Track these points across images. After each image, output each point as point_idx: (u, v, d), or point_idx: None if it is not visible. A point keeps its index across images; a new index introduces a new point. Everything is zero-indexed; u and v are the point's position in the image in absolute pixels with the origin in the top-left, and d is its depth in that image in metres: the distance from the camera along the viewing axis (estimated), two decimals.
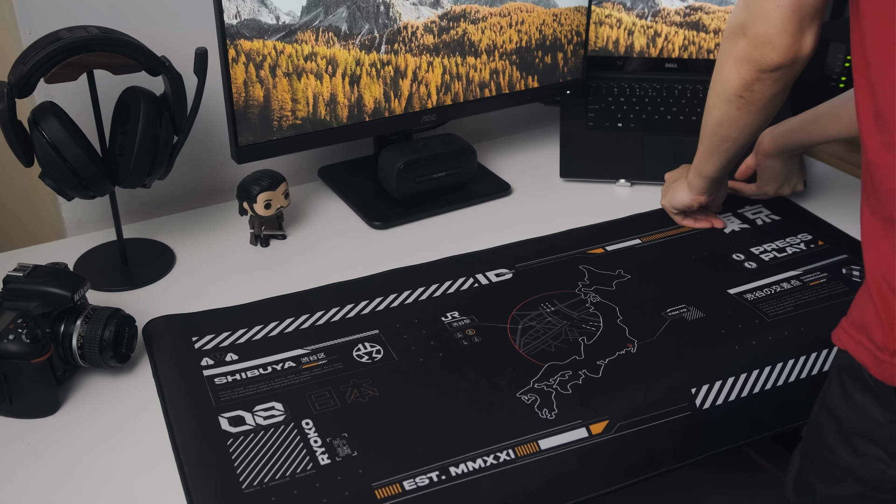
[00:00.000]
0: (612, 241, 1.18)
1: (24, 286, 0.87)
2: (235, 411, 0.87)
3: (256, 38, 1.08)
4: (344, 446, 0.83)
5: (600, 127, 1.40)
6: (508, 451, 0.84)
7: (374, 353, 0.96)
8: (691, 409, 0.91)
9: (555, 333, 1.00)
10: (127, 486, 0.80)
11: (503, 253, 1.15)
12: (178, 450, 0.83)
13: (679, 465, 0.89)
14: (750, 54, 0.90)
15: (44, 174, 0.97)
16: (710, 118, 1.03)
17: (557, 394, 0.91)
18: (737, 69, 0.93)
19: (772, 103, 0.96)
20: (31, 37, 0.99)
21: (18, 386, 0.85)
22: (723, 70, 0.96)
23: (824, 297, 1.07)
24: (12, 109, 0.92)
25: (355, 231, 1.22)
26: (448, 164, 1.27)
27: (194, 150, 1.22)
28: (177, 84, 1.00)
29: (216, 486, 0.79)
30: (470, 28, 1.26)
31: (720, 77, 0.97)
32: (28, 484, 0.80)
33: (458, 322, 1.01)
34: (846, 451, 0.82)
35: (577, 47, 1.38)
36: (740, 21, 0.90)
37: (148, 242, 1.17)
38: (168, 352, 0.95)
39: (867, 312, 0.79)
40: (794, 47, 0.88)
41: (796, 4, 0.85)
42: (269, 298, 1.05)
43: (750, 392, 0.94)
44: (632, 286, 1.08)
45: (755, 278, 1.10)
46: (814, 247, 1.17)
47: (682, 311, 1.04)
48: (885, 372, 0.76)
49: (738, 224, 1.22)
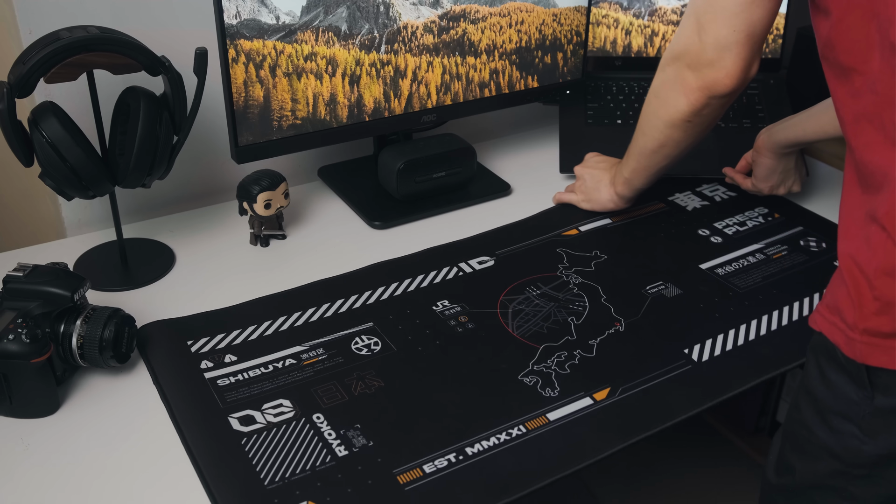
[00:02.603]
0: (584, 222, 1.23)
1: (24, 286, 0.87)
2: (244, 411, 0.88)
3: (256, 37, 1.08)
4: (359, 437, 0.85)
5: (599, 124, 1.40)
6: (520, 426, 0.87)
7: (372, 345, 0.98)
8: (690, 363, 0.97)
9: (544, 315, 1.04)
10: (127, 485, 0.80)
11: (482, 241, 1.19)
12: (192, 454, 0.83)
13: (697, 411, 0.91)
14: (701, 82, 0.92)
15: (44, 174, 0.97)
16: (650, 140, 1.05)
17: (557, 374, 0.94)
18: (686, 97, 0.94)
19: (715, 122, 1.00)
20: (31, 37, 0.99)
21: (18, 386, 0.85)
22: (668, 98, 0.97)
23: (788, 267, 1.15)
24: (12, 109, 0.92)
25: (355, 231, 1.22)
26: (448, 164, 1.27)
27: (194, 150, 1.22)
28: (177, 84, 1.00)
29: (239, 486, 0.79)
30: (470, 28, 1.26)
31: (664, 104, 0.98)
32: (28, 484, 0.80)
33: (450, 310, 1.04)
34: (823, 430, 0.85)
35: (577, 47, 1.38)
36: (688, 49, 0.91)
37: (148, 242, 1.17)
38: (165, 357, 0.95)
39: (840, 294, 0.82)
40: (746, 73, 0.90)
41: (750, 31, 0.87)
42: (258, 298, 1.06)
43: (746, 339, 1.01)
44: (609, 266, 1.14)
45: (722, 252, 1.18)
46: (771, 220, 1.26)
47: (660, 289, 1.10)
48: (856, 350, 0.80)
49: (698, 202, 1.30)
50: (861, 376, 0.80)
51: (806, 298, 1.08)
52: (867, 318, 0.79)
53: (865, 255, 0.79)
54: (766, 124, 1.31)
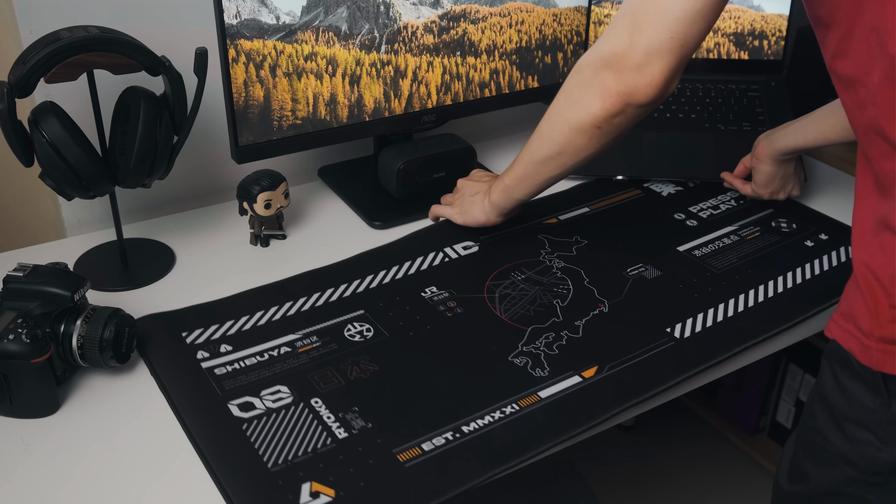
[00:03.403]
0: (564, 211, 1.27)
1: (24, 286, 0.87)
2: (243, 398, 0.89)
3: (256, 37, 1.08)
4: (357, 419, 0.87)
5: None
6: (513, 404, 0.90)
7: (364, 331, 1.00)
8: (672, 340, 1.00)
9: (530, 298, 1.06)
10: (126, 485, 0.80)
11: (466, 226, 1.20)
12: (195, 440, 0.85)
13: (684, 377, 0.95)
14: (622, 87, 0.86)
15: (44, 174, 0.97)
16: (547, 144, 0.98)
17: (546, 354, 0.97)
18: (601, 100, 0.88)
19: (622, 135, 0.94)
20: (31, 37, 0.99)
21: (18, 386, 0.85)
22: (580, 99, 0.91)
23: (761, 247, 1.19)
24: (12, 109, 0.92)
25: (355, 231, 1.22)
26: (448, 164, 1.27)
27: (194, 150, 1.22)
28: (177, 84, 1.00)
29: (243, 469, 0.81)
30: (470, 28, 1.26)
31: (574, 106, 0.92)
32: (28, 484, 0.80)
33: (438, 296, 1.06)
34: (838, 437, 0.85)
35: (577, 47, 1.38)
36: (615, 50, 0.85)
37: (148, 242, 1.17)
38: (161, 349, 0.96)
39: (854, 302, 0.82)
40: (667, 87, 0.85)
41: (686, 41, 0.83)
42: (250, 290, 1.07)
43: (725, 316, 1.04)
44: (590, 250, 1.17)
45: (698, 235, 1.22)
46: (742, 202, 1.30)
47: (641, 271, 1.13)
48: (872, 358, 0.80)
49: (672, 187, 1.34)
50: (877, 384, 0.80)
51: (780, 277, 1.12)
52: (883, 325, 0.78)
53: (880, 263, 0.78)
54: (767, 127, 1.31)
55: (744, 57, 1.44)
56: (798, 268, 1.14)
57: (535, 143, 1.01)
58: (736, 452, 1.87)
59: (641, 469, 1.87)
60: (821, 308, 1.07)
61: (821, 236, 1.21)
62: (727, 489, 1.80)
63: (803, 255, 1.17)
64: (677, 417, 1.97)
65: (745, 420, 1.86)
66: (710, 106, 1.41)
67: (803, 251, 1.18)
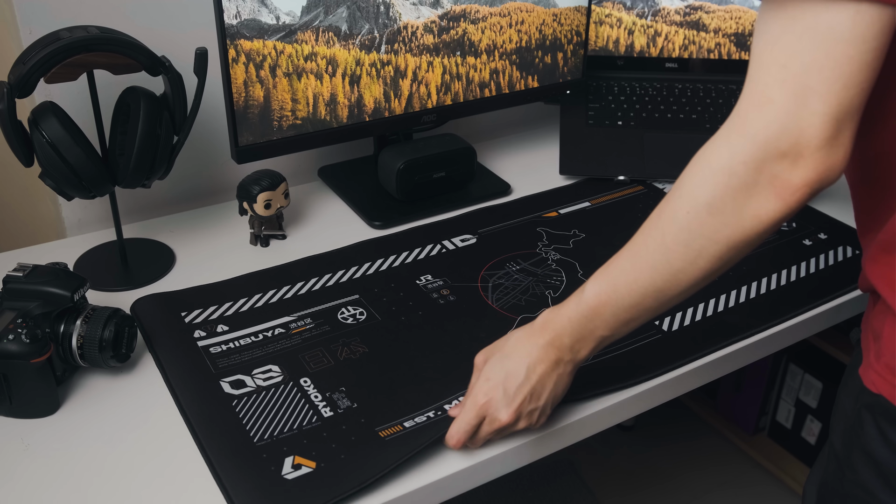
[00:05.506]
0: (564, 205, 1.28)
1: (24, 286, 0.87)
2: (235, 376, 0.92)
3: (256, 38, 1.08)
4: (343, 399, 0.89)
5: (600, 124, 1.40)
6: None
7: (357, 314, 1.02)
8: (660, 332, 1.00)
9: (523, 289, 1.08)
10: (126, 486, 0.80)
11: (466, 220, 1.23)
12: (186, 414, 0.87)
13: (671, 367, 0.95)
14: (810, 175, 0.65)
15: (44, 174, 0.97)
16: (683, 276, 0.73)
17: None
18: (781, 200, 0.67)
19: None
20: (31, 37, 0.99)
21: (18, 386, 0.85)
22: (742, 208, 0.68)
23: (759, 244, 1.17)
24: (12, 109, 0.92)
25: (355, 231, 1.22)
26: (448, 164, 1.27)
27: (194, 150, 1.22)
28: (177, 84, 1.00)
29: (229, 442, 0.83)
30: (470, 28, 1.26)
31: (735, 218, 0.69)
32: (28, 484, 0.80)
33: (432, 284, 1.08)
34: (886, 494, 0.80)
35: (577, 47, 1.38)
36: (786, 131, 0.64)
37: (148, 242, 1.17)
38: (159, 327, 0.99)
39: None
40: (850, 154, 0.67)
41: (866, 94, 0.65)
42: (249, 273, 1.10)
43: (714, 310, 1.05)
44: (587, 244, 1.18)
45: None
46: None
47: None
48: None
49: (669, 184, 1.32)
50: None
51: (775, 274, 1.12)
52: None
53: None
54: None
55: (744, 57, 1.44)
56: (794, 265, 1.14)
57: (663, 277, 0.74)
58: (736, 452, 1.87)
59: (641, 469, 1.87)
60: (815, 305, 1.07)
61: (820, 235, 1.21)
62: (727, 489, 1.80)
63: (800, 253, 1.17)
64: (677, 417, 1.97)
65: (745, 420, 1.86)
66: (711, 106, 1.41)
67: (801, 249, 1.18)
